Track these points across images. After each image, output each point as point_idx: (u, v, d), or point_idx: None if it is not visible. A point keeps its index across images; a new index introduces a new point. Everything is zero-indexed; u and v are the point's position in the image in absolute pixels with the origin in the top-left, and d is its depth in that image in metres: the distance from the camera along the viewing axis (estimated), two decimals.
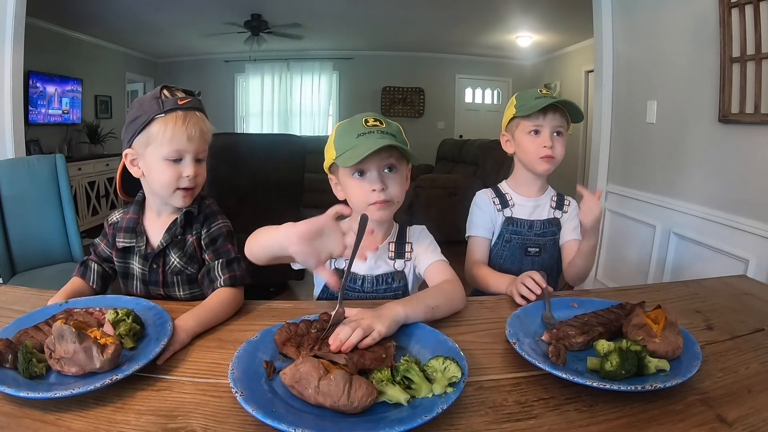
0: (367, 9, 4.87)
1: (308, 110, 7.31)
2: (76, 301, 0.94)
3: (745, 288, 1.18)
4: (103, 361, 0.68)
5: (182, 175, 0.99)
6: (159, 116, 0.97)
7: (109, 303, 0.91)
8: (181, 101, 0.99)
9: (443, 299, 0.93)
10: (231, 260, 1.04)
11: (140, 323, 0.81)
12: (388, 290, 1.07)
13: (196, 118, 1.00)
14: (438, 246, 1.10)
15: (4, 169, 2.05)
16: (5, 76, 2.56)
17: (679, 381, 0.67)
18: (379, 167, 0.98)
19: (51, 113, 4.69)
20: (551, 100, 1.20)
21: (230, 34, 5.62)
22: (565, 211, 1.33)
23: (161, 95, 0.99)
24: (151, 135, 0.98)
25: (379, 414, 0.62)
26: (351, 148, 0.94)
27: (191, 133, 0.98)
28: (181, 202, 1.03)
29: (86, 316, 0.84)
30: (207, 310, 0.91)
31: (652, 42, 2.54)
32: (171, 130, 0.96)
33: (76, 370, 0.68)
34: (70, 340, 0.67)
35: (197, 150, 1.01)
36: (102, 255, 1.11)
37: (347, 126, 1.00)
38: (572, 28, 5.07)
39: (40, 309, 0.89)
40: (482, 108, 7.38)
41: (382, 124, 0.98)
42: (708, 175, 2.17)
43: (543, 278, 1.02)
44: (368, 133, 0.94)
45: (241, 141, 3.37)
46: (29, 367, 0.68)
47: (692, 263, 2.26)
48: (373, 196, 0.97)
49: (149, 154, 0.99)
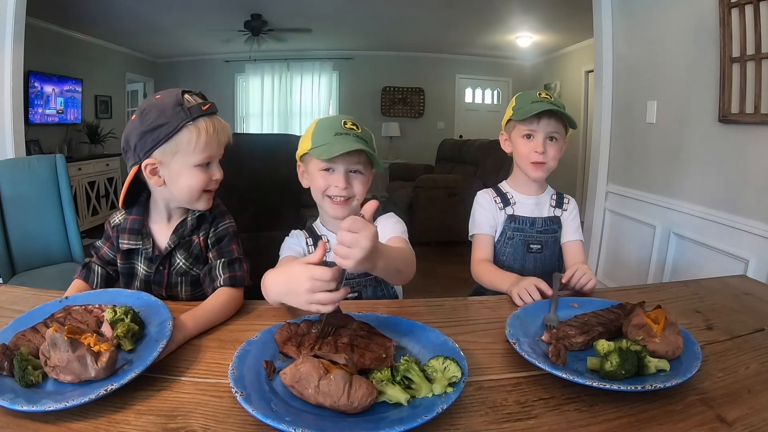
0: (367, 9, 4.88)
1: (308, 110, 7.31)
2: (76, 297, 0.92)
3: (745, 288, 1.18)
4: (98, 370, 0.66)
5: (212, 179, 1.01)
6: (188, 124, 0.95)
7: (109, 298, 0.90)
8: (204, 107, 0.98)
9: (406, 269, 0.96)
10: (233, 260, 1.05)
11: (139, 323, 0.80)
12: (361, 274, 1.11)
13: (222, 124, 1.01)
14: (406, 230, 1.13)
15: (4, 169, 2.05)
16: (5, 76, 2.56)
17: (679, 381, 0.67)
18: (347, 167, 1.05)
19: (48, 113, 4.69)
20: (545, 107, 1.20)
21: (230, 34, 5.62)
22: (564, 209, 1.33)
23: (185, 101, 0.96)
24: (181, 143, 0.95)
25: (379, 414, 0.62)
26: (326, 144, 1.02)
27: (221, 139, 1.00)
28: (205, 205, 1.04)
29: (85, 315, 0.83)
30: (206, 311, 0.91)
31: (652, 42, 2.54)
32: (204, 138, 0.96)
33: (71, 379, 0.66)
34: (63, 348, 0.66)
35: (219, 154, 1.02)
36: (105, 258, 1.10)
37: (327, 123, 1.07)
38: (572, 28, 5.07)
39: (39, 307, 0.87)
40: (482, 108, 7.38)
41: (358, 129, 1.05)
42: (708, 175, 2.17)
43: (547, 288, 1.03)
44: (344, 135, 1.02)
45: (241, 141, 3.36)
46: (25, 375, 0.66)
47: (692, 263, 2.26)
48: (334, 191, 1.06)
49: (177, 162, 0.97)
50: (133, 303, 0.84)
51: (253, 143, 3.21)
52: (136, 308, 0.82)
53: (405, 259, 0.96)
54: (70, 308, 0.85)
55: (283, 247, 1.15)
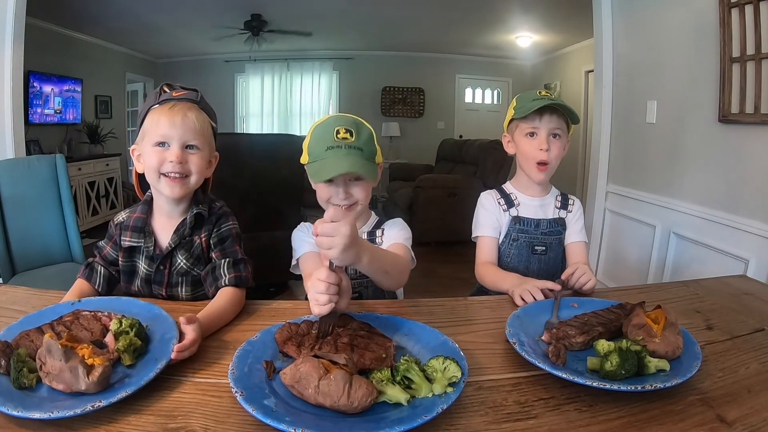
0: (367, 9, 4.87)
1: (308, 110, 7.31)
2: (88, 302, 0.91)
3: (745, 288, 1.18)
4: (89, 384, 0.64)
5: (166, 160, 0.99)
6: (154, 107, 1.01)
7: (121, 307, 0.88)
8: (176, 93, 1.02)
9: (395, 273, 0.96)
10: (237, 261, 1.05)
11: (143, 338, 0.77)
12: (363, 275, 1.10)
13: (185, 105, 1.01)
14: (410, 236, 1.13)
15: (4, 169, 2.05)
16: (5, 76, 2.56)
17: (679, 381, 0.67)
18: (346, 178, 1.04)
19: (47, 113, 4.68)
20: (546, 102, 1.20)
21: (230, 33, 5.62)
22: (569, 210, 1.33)
23: (161, 91, 1.03)
24: (146, 127, 1.01)
25: (379, 414, 0.62)
26: (319, 160, 1.02)
27: (176, 119, 0.99)
28: (168, 191, 1.01)
29: (92, 321, 0.81)
30: (214, 315, 0.90)
31: (652, 42, 2.54)
32: (157, 117, 0.99)
33: (63, 388, 0.65)
34: (57, 357, 0.64)
35: (184, 137, 1.00)
36: (108, 258, 1.10)
37: (320, 133, 1.05)
38: (572, 28, 5.07)
39: (51, 307, 0.87)
40: (482, 108, 7.38)
41: (352, 136, 1.01)
42: (708, 175, 2.17)
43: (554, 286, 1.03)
44: (336, 148, 1.00)
45: (242, 141, 3.37)
46: (19, 377, 0.65)
47: (692, 263, 2.26)
48: (337, 201, 1.06)
49: (145, 144, 1.02)
50: (143, 314, 0.82)
51: (253, 143, 3.21)
52: (146, 320, 0.80)
53: (394, 261, 0.96)
54: (80, 312, 0.84)
55: (296, 239, 1.16)
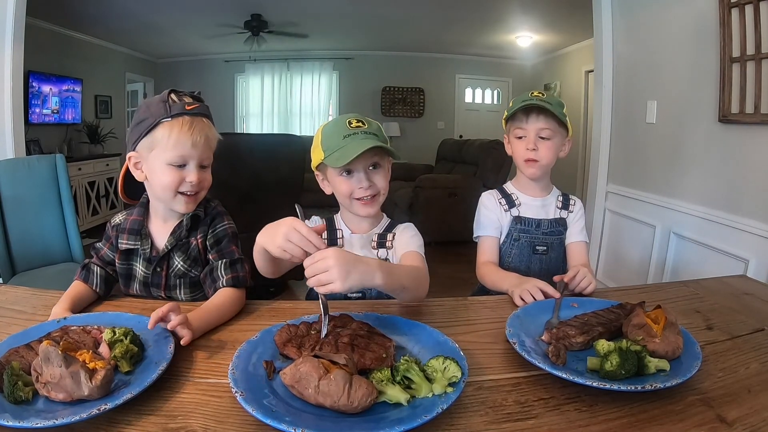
0: (367, 9, 4.87)
1: (308, 110, 7.31)
2: (75, 318, 0.88)
3: (745, 288, 1.18)
4: (92, 388, 0.62)
5: (185, 180, 0.99)
6: (165, 120, 0.97)
7: (109, 321, 0.86)
8: (188, 106, 0.98)
9: (413, 287, 0.93)
10: (234, 261, 1.04)
11: (138, 344, 0.76)
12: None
13: (203, 124, 1.00)
14: (423, 243, 1.11)
15: (4, 169, 2.05)
16: (5, 76, 2.56)
17: (679, 381, 0.67)
18: (365, 166, 1.04)
19: (45, 113, 4.68)
20: (531, 102, 1.20)
21: (230, 34, 5.62)
22: (571, 210, 1.33)
23: (169, 99, 0.99)
24: (156, 139, 0.97)
25: (379, 414, 0.62)
26: (339, 149, 0.99)
27: (196, 139, 0.98)
28: (183, 208, 1.03)
29: (83, 335, 0.79)
30: (209, 311, 0.91)
31: (652, 42, 2.54)
32: (176, 136, 0.96)
33: (63, 397, 0.62)
34: (56, 363, 0.62)
35: (201, 156, 1.00)
36: (105, 258, 1.10)
37: (332, 128, 1.04)
38: (572, 28, 5.07)
39: (36, 326, 0.83)
40: (482, 108, 7.38)
41: (365, 124, 1.03)
42: (708, 175, 2.17)
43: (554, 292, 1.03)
44: (353, 135, 1.00)
45: (241, 141, 3.37)
46: (14, 391, 0.62)
47: (692, 263, 2.26)
48: (360, 193, 1.05)
49: (153, 158, 0.98)
50: (134, 326, 0.80)
51: (253, 143, 3.21)
52: (137, 331, 0.79)
53: (411, 275, 0.93)
54: (68, 328, 0.81)
55: None
